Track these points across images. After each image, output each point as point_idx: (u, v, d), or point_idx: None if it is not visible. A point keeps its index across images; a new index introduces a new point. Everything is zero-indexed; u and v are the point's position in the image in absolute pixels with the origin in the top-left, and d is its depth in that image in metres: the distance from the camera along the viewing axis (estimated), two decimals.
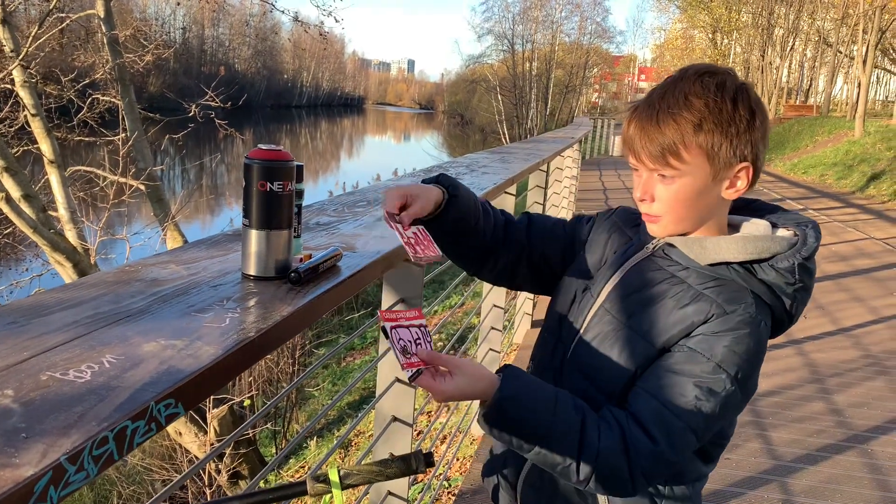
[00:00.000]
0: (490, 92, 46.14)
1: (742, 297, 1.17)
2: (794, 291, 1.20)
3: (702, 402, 1.13)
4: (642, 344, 1.20)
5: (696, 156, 1.15)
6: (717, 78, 1.15)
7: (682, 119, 1.13)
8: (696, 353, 1.16)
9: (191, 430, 6.94)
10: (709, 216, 1.23)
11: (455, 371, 1.12)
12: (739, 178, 1.19)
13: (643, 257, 1.29)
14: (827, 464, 3.61)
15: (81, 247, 7.20)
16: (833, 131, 24.34)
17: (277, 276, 1.20)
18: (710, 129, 1.14)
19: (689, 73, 1.17)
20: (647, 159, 1.17)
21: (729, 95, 1.14)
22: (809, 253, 1.18)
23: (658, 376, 1.17)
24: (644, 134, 1.16)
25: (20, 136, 7.77)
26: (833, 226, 11.39)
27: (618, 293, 1.27)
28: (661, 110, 1.14)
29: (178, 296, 1.08)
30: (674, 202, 1.19)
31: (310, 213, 1.79)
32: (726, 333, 1.15)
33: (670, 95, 1.15)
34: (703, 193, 1.18)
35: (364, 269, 1.34)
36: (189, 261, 1.27)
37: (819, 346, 5.50)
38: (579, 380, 1.27)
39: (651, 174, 1.19)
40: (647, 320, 1.21)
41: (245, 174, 1.16)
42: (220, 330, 0.95)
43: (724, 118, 1.14)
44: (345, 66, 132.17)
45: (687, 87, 1.15)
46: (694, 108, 1.14)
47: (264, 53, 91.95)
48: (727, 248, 1.20)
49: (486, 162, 3.42)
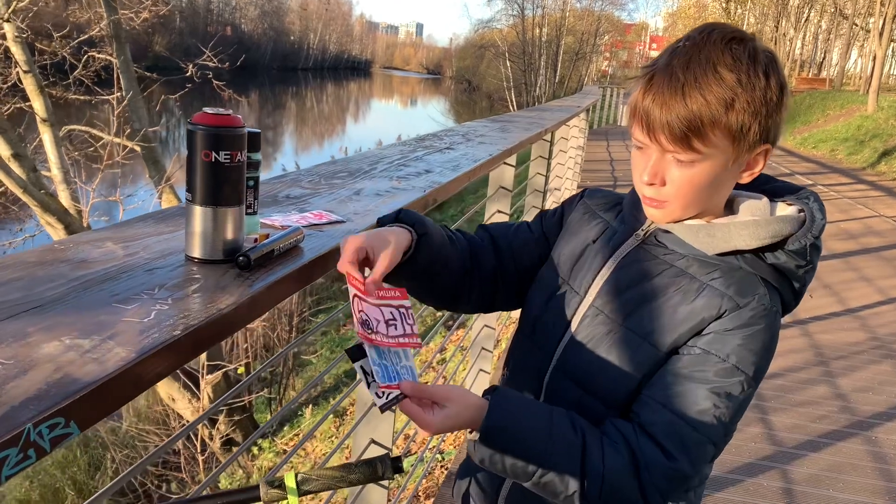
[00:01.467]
0: (499, 58, 45.52)
1: (754, 288, 1.04)
2: (803, 273, 1.08)
3: (720, 409, 1.01)
4: (645, 347, 1.06)
5: (721, 138, 1.00)
6: (748, 46, 1.00)
7: (713, 95, 0.98)
8: (709, 355, 1.03)
9: (185, 395, 6.88)
10: (717, 198, 1.09)
11: (443, 401, 0.99)
12: (758, 162, 1.06)
13: (633, 246, 1.14)
14: (829, 451, 3.49)
15: (74, 208, 7.07)
16: (845, 105, 23.92)
17: (226, 259, 1.05)
18: (742, 108, 0.98)
19: (713, 36, 1.00)
20: (667, 139, 1.01)
21: (762, 69, 0.99)
22: (819, 231, 1.06)
23: (668, 383, 1.03)
24: (666, 109, 0.99)
25: (13, 93, 7.59)
26: (842, 202, 11.18)
27: (610, 289, 1.12)
28: (688, 83, 0.98)
29: (104, 282, 0.94)
30: (687, 187, 1.04)
31: (282, 184, 1.64)
32: (740, 330, 1.02)
33: (696, 65, 0.98)
34: (719, 178, 1.04)
35: (331, 252, 1.20)
36: (130, 238, 1.12)
37: (824, 327, 5.36)
38: (570, 387, 1.13)
39: (664, 155, 1.03)
40: (650, 319, 1.07)
41: (188, 141, 1.01)
42: (140, 326, 0.81)
43: (757, 97, 0.99)
44: (352, 29, 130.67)
45: (715, 55, 0.99)
46: (726, 84, 0.98)
47: (271, 14, 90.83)
48: (739, 236, 1.05)
49: (485, 131, 3.25)
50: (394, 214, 1.19)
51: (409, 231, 1.12)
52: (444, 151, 2.39)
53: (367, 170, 1.90)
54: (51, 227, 6.48)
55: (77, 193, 7.37)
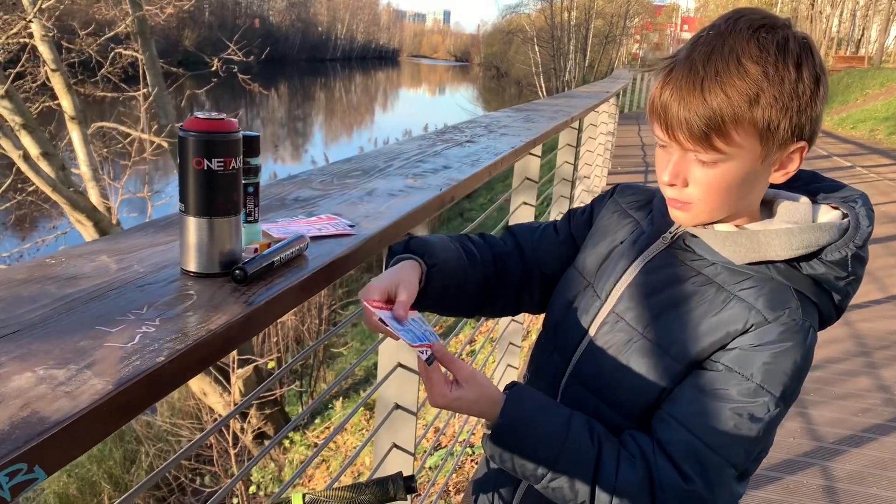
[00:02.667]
0: (527, 43, 45.09)
1: (786, 301, 0.96)
2: (845, 285, 0.98)
3: (742, 431, 0.94)
4: (665, 359, 0.99)
5: (746, 136, 0.91)
6: (777, 35, 0.91)
7: (735, 90, 0.89)
8: (732, 373, 0.95)
9: (216, 390, 6.92)
10: (748, 201, 1.00)
11: (465, 381, 0.97)
12: (792, 160, 0.96)
13: (660, 249, 1.05)
14: (873, 446, 3.36)
15: (103, 205, 7.12)
16: (885, 84, 23.26)
17: (223, 272, 0.99)
18: (768, 103, 0.89)
19: (739, 24, 0.91)
20: (686, 138, 0.93)
21: (792, 60, 0.90)
22: (863, 240, 0.96)
23: (689, 401, 0.96)
24: (684, 105, 0.91)
25: (42, 91, 7.66)
26: (883, 184, 10.86)
27: (633, 295, 1.04)
28: (708, 77, 0.90)
29: (91, 301, 0.88)
30: (712, 189, 0.95)
31: (292, 185, 1.58)
32: (768, 347, 0.94)
33: (718, 57, 0.90)
34: (748, 179, 0.95)
35: (338, 260, 1.13)
36: (125, 250, 1.07)
37: (865, 316, 5.18)
38: (585, 396, 1.06)
39: (686, 154, 0.95)
40: (672, 330, 0.99)
41: (179, 149, 0.95)
42: (122, 352, 0.76)
43: (785, 90, 0.89)
44: (379, 18, 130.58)
45: (739, 45, 0.90)
46: (750, 77, 0.89)
47: (298, 5, 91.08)
48: (769, 246, 0.97)
49: (508, 122, 3.16)
50: (403, 243, 1.16)
51: (419, 263, 1.11)
52: (465, 145, 2.32)
53: (382, 167, 1.84)
54: (80, 225, 6.54)
55: (106, 190, 7.43)
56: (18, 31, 6.59)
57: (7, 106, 6.38)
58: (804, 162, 1.01)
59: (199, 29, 59.73)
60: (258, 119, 38.05)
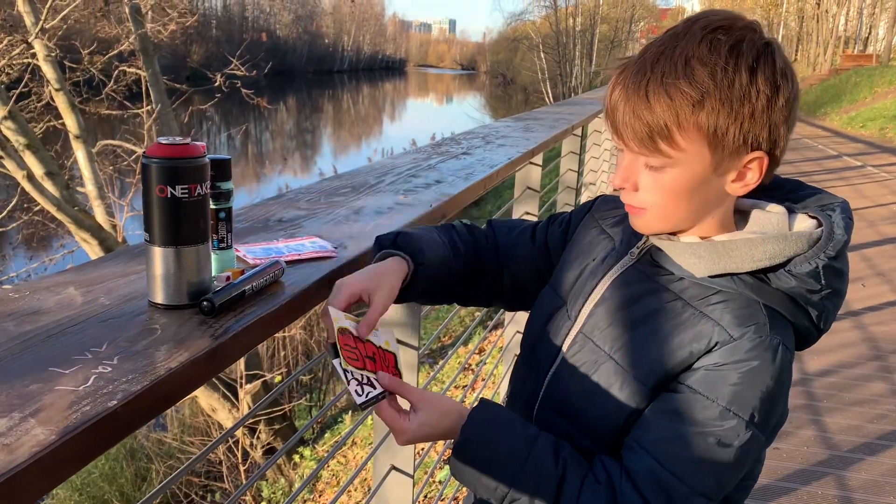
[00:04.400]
0: (532, 50, 45.11)
1: (752, 317, 0.90)
2: (820, 300, 0.92)
3: (711, 457, 0.88)
4: (631, 382, 0.94)
5: (693, 141, 0.87)
6: (733, 36, 0.86)
7: (679, 93, 0.85)
8: (697, 395, 0.89)
9: (224, 406, 6.89)
10: (706, 213, 0.95)
11: (418, 404, 0.94)
12: (750, 170, 0.91)
13: (629, 265, 1.01)
14: (889, 454, 3.28)
15: (109, 223, 7.12)
16: (894, 81, 23.11)
17: (191, 303, 0.95)
18: (714, 107, 0.85)
19: (697, 25, 0.87)
20: (632, 141, 0.90)
21: (746, 62, 0.85)
22: (837, 250, 0.90)
23: (655, 427, 0.92)
24: (628, 108, 0.88)
25: (47, 111, 7.69)
26: (894, 183, 10.74)
27: (600, 314, 1.00)
28: (653, 79, 0.86)
29: (48, 338, 0.84)
30: (662, 195, 0.92)
31: (277, 206, 1.54)
32: (734, 367, 0.88)
33: (667, 59, 0.86)
34: (699, 187, 0.91)
35: (315, 286, 1.09)
36: (94, 281, 1.03)
37: (880, 318, 5.09)
38: (557, 420, 1.02)
39: (636, 158, 0.92)
40: (637, 350, 0.95)
41: (142, 176, 0.92)
42: (72, 397, 0.71)
43: (734, 94, 0.85)
44: (385, 29, 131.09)
45: (690, 47, 0.86)
46: (696, 79, 0.85)
47: (304, 18, 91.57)
48: (729, 257, 0.92)
49: (507, 131, 3.12)
50: (392, 236, 1.13)
51: (406, 261, 1.08)
52: (460, 157, 2.27)
53: (372, 184, 1.80)
54: (86, 244, 6.53)
55: (112, 208, 7.44)
56: (21, 51, 6.61)
57: (11, 126, 6.40)
58: (815, 162, 0.96)
59: (206, 44, 60.08)
60: (267, 132, 38.20)
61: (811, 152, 14.37)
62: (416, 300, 1.18)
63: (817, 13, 36.56)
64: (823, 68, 33.98)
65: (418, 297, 1.14)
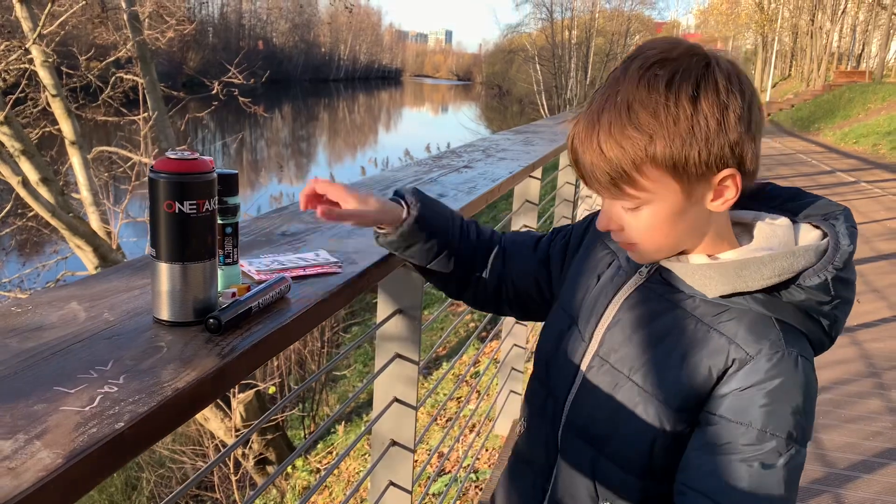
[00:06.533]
0: (528, 62, 45.27)
1: (766, 332, 0.90)
2: (831, 310, 0.92)
3: (760, 482, 0.87)
4: (654, 403, 0.94)
5: (656, 178, 0.88)
6: (668, 70, 0.86)
7: (628, 139, 0.86)
8: (731, 424, 0.89)
9: (217, 415, 6.84)
10: (699, 234, 0.95)
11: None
12: (726, 188, 0.90)
13: (638, 284, 1.01)
14: (886, 471, 3.28)
15: (104, 230, 7.08)
16: (887, 98, 23.24)
17: (197, 320, 0.94)
18: (665, 144, 0.85)
19: (633, 65, 0.88)
20: (600, 188, 0.91)
21: (686, 94, 0.85)
22: (844, 261, 0.90)
23: (698, 465, 0.90)
24: (587, 160, 0.90)
25: (43, 117, 7.65)
26: (887, 200, 10.79)
27: (615, 336, 1.00)
28: (602, 130, 0.87)
29: (52, 356, 0.82)
30: (645, 231, 0.93)
31: (280, 219, 1.52)
32: (759, 388, 0.88)
33: (611, 107, 0.87)
34: (680, 216, 0.91)
35: (322, 302, 1.08)
36: (97, 296, 1.01)
37: (875, 335, 5.09)
38: (582, 447, 1.01)
39: (613, 201, 0.93)
40: (655, 371, 0.94)
41: (150, 191, 0.90)
42: (78, 418, 0.70)
43: (682, 128, 0.85)
44: (382, 39, 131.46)
45: (630, 91, 0.86)
46: (641, 124, 0.85)
47: (301, 27, 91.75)
48: (740, 277, 0.92)
49: (507, 145, 3.11)
50: (411, 190, 1.19)
51: (405, 207, 1.17)
52: (462, 171, 2.26)
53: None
54: (80, 251, 6.49)
55: (107, 215, 7.39)
56: (18, 56, 6.59)
57: (6, 132, 6.37)
58: (809, 178, 0.96)
59: (203, 51, 60.09)
60: (262, 140, 38.17)
61: (805, 167, 14.43)
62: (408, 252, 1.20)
63: (811, 29, 36.83)
64: (817, 84, 34.19)
65: (409, 246, 1.18)
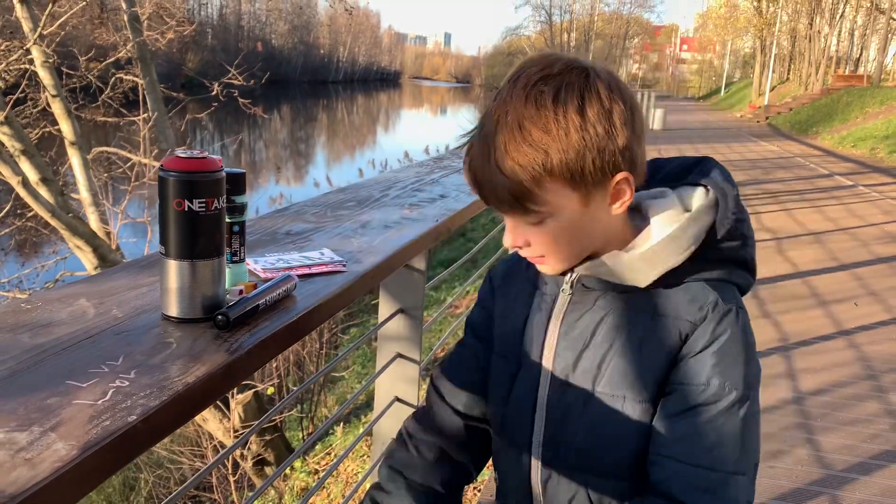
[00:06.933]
0: None
1: (703, 297, 0.95)
2: (742, 252, 0.98)
3: (724, 435, 0.92)
4: (628, 403, 0.96)
5: (555, 190, 0.90)
6: (553, 84, 0.88)
7: (523, 156, 0.88)
8: (688, 387, 0.93)
9: (215, 416, 6.84)
10: (604, 236, 0.97)
11: None
12: (622, 191, 0.93)
13: (567, 302, 1.02)
14: (883, 473, 3.29)
15: (103, 230, 7.09)
16: (885, 102, 23.29)
17: (205, 316, 0.95)
18: (560, 157, 0.88)
19: (518, 84, 0.90)
20: (503, 208, 0.93)
21: (573, 106, 0.88)
22: (735, 205, 0.97)
23: (664, 433, 0.94)
24: (486, 180, 0.91)
25: (43, 117, 7.66)
26: (885, 203, 10.81)
27: (566, 357, 1.00)
28: (497, 151, 0.89)
29: (63, 351, 0.84)
30: (552, 243, 0.95)
31: (284, 218, 1.54)
32: (708, 349, 0.93)
33: (503, 127, 0.89)
34: (582, 224, 0.94)
35: (328, 301, 1.09)
36: (105, 293, 1.02)
37: (872, 338, 5.11)
38: (568, 475, 1.02)
39: (515, 219, 0.94)
40: (619, 373, 0.96)
41: (159, 189, 0.91)
42: (91, 411, 0.71)
43: (573, 139, 0.88)
44: (381, 41, 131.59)
45: (519, 110, 0.88)
46: (534, 140, 0.87)
47: (300, 29, 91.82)
48: (661, 260, 0.95)
49: None
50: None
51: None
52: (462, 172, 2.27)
53: (377, 197, 1.80)
54: (80, 251, 6.50)
55: (106, 216, 7.40)
56: (19, 57, 6.60)
57: (7, 132, 6.38)
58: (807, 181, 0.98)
59: (201, 52, 60.14)
60: (261, 141, 38.18)
61: (803, 171, 14.47)
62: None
63: (810, 33, 36.92)
64: (815, 88, 34.25)
65: None
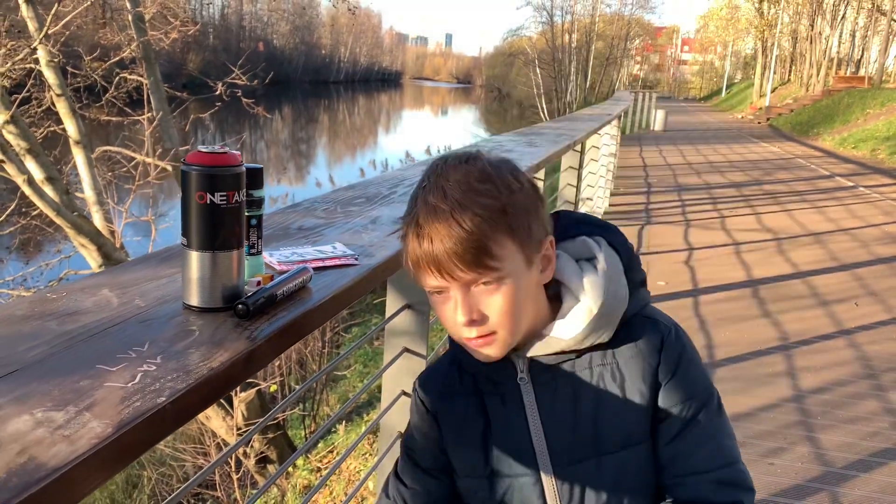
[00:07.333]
0: (528, 65, 45.39)
1: (652, 329, 1.02)
2: (641, 273, 1.08)
3: (719, 433, 1.03)
4: (633, 452, 1.02)
5: (508, 248, 0.94)
6: (481, 161, 0.96)
7: (482, 207, 0.91)
8: (678, 407, 1.02)
9: (218, 413, 6.88)
10: (536, 308, 1.01)
11: None
12: (549, 256, 1.00)
13: (531, 391, 1.03)
14: (883, 471, 3.32)
15: (107, 229, 7.13)
16: (886, 103, 23.31)
17: (226, 306, 0.98)
18: (514, 211, 0.94)
19: (448, 164, 0.96)
20: (462, 269, 0.92)
21: (508, 171, 0.96)
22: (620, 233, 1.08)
23: (675, 454, 1.03)
24: (447, 241, 0.91)
25: (48, 116, 7.71)
26: (886, 204, 10.84)
27: (559, 438, 1.02)
28: (454, 208, 0.91)
29: (91, 337, 0.87)
30: (507, 309, 0.95)
31: (296, 214, 1.57)
32: (677, 371, 1.02)
33: (453, 190, 0.92)
34: (527, 287, 0.97)
35: (342, 292, 1.12)
36: (127, 284, 1.06)
37: (872, 337, 5.14)
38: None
39: (466, 289, 0.94)
40: (616, 429, 1.01)
41: (182, 183, 0.95)
42: (122, 393, 0.74)
43: (518, 198, 0.95)
44: (382, 41, 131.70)
45: (461, 176, 0.93)
46: (489, 193, 0.92)
47: (302, 29, 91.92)
48: (611, 315, 1.00)
49: (511, 146, 3.16)
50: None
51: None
52: None
53: (385, 194, 1.83)
54: (84, 249, 6.54)
55: (110, 214, 7.45)
56: (24, 56, 6.65)
57: (13, 131, 6.43)
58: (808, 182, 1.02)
59: (203, 52, 60.23)
60: (262, 141, 38.26)
61: (804, 172, 14.49)
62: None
63: (811, 34, 36.95)
64: (816, 89, 34.27)
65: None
